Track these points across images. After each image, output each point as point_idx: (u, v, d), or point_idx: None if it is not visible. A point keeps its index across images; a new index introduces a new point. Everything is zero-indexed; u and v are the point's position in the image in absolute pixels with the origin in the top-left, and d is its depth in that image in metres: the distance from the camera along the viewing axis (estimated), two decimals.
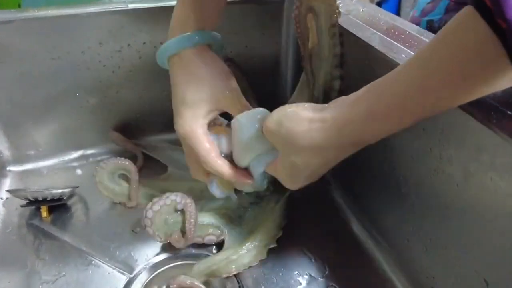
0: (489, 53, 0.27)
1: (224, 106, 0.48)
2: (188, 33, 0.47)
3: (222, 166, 0.47)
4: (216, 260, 0.49)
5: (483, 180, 0.35)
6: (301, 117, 0.39)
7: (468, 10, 0.27)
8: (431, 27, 0.71)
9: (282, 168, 0.43)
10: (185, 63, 0.48)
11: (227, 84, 0.48)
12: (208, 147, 0.47)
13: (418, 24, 0.75)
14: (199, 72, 0.47)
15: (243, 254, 0.51)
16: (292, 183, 0.45)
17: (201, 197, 0.57)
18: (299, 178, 0.43)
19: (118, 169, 0.57)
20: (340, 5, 0.58)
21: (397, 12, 2.15)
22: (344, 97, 0.38)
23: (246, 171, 0.48)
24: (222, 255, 0.50)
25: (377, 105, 0.34)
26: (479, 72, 0.28)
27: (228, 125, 0.48)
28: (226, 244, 0.53)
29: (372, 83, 0.35)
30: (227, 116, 0.49)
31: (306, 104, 0.40)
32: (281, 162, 0.43)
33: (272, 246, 0.53)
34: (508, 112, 0.34)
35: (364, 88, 0.36)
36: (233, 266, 0.50)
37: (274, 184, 0.51)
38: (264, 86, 0.65)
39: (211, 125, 0.49)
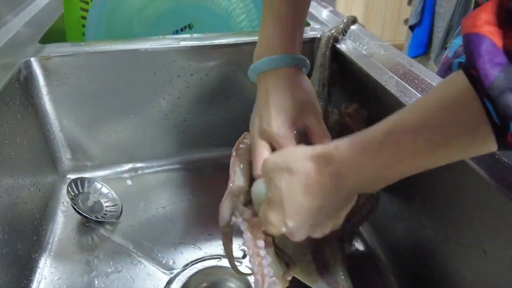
0: (467, 103, 0.29)
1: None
2: (279, 55, 0.49)
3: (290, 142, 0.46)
4: None
5: None
6: (297, 149, 0.43)
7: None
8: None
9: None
10: (273, 80, 0.49)
11: (305, 104, 0.49)
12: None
13: (450, 65, 0.76)
14: (271, 97, 0.48)
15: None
16: (293, 230, 0.41)
17: None
18: (299, 222, 0.40)
19: None
20: (365, 48, 0.66)
21: (429, 36, 2.18)
22: (337, 141, 0.39)
23: None
24: None
25: (366, 147, 0.36)
26: (461, 119, 0.30)
27: None
28: None
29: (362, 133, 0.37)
30: None
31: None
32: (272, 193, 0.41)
33: None
34: None
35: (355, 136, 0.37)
36: None
37: None
38: None
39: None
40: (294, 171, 0.39)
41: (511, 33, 0.27)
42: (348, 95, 0.67)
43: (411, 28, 2.23)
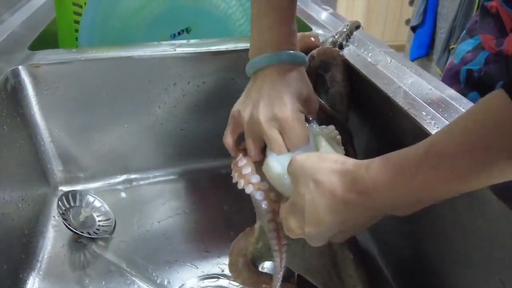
0: (509, 125, 0.28)
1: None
2: (276, 52, 0.50)
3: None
4: None
5: None
6: (327, 158, 0.39)
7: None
8: (471, 77, 0.69)
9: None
10: (269, 77, 0.50)
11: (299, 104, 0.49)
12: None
13: (457, 72, 0.73)
14: (278, 87, 0.49)
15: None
16: (311, 237, 0.41)
17: None
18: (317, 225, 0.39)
19: None
20: (369, 55, 0.63)
21: (432, 38, 2.16)
22: (368, 161, 0.37)
23: None
24: None
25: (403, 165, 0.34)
26: (503, 144, 0.29)
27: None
28: None
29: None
30: None
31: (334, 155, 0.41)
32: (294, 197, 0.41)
33: None
34: None
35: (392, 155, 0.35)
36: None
37: None
38: None
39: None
40: (320, 183, 0.37)
41: None
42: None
43: (413, 29, 2.21)
